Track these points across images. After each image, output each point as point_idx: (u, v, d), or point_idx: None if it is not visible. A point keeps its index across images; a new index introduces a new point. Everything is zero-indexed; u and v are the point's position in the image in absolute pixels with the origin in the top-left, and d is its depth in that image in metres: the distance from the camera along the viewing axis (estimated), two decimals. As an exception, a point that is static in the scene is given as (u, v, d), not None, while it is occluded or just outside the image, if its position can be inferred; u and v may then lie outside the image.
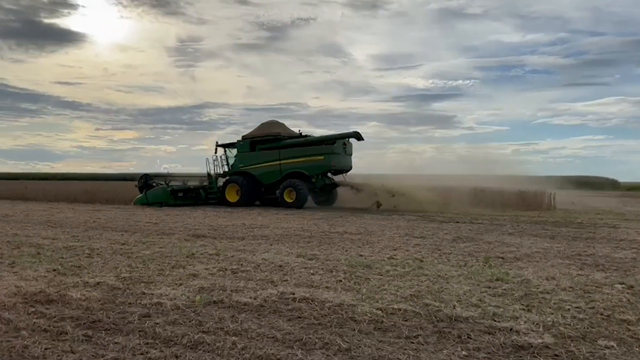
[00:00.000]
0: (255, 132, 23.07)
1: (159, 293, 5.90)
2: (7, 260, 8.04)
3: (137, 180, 23.88)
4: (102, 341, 4.27)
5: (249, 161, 22.36)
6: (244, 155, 22.58)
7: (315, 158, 20.96)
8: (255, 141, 22.54)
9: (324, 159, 20.85)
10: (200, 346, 4.16)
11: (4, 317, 4.90)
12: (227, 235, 11.42)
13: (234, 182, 22.31)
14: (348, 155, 22.01)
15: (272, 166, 21.66)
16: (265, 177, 21.90)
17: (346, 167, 22.11)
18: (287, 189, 20.88)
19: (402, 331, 4.55)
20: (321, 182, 21.55)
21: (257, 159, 22.14)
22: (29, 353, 3.99)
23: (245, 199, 21.86)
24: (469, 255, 8.81)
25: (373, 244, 10.05)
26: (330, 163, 20.90)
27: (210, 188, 23.39)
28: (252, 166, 22.22)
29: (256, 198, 22.58)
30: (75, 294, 5.83)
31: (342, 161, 21.61)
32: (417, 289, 6.11)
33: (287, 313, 5.14)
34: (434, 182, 23.39)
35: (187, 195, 23.04)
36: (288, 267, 7.59)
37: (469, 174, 27.98)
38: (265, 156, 21.96)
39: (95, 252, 8.98)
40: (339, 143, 21.36)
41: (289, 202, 20.73)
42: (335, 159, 21.02)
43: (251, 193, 22.08)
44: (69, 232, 11.94)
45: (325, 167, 21.06)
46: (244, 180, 22.05)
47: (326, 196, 22.38)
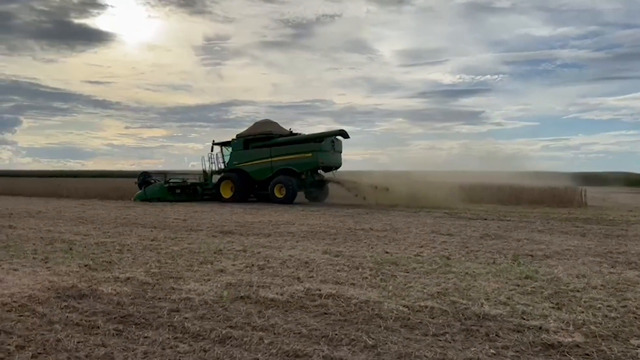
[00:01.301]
0: (249, 131, 23.84)
1: (187, 288, 6.00)
2: (41, 255, 8.27)
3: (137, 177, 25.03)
4: (133, 335, 4.37)
5: (243, 159, 23.14)
6: (238, 153, 23.38)
7: (304, 155, 21.68)
8: (248, 139, 23.30)
9: (312, 156, 21.55)
10: (228, 341, 4.22)
11: (38, 311, 5.04)
12: (254, 232, 11.51)
13: (228, 178, 23.18)
14: (337, 152, 22.69)
15: (264, 163, 22.47)
16: (257, 174, 22.69)
17: (335, 164, 22.82)
18: (277, 185, 21.67)
19: (429, 329, 4.53)
20: (311, 178, 22.33)
21: (250, 157, 22.94)
22: (62, 346, 4.10)
23: (239, 195, 22.62)
24: (497, 252, 8.70)
25: (399, 241, 10.01)
26: (318, 160, 21.57)
27: (206, 184, 24.35)
28: (245, 163, 23.01)
29: (249, 194, 23.30)
30: (107, 288, 5.97)
31: (331, 158, 22.27)
32: (444, 287, 6.07)
33: (313, 309, 5.17)
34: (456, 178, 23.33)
35: (185, 191, 23.93)
36: (314, 263, 7.62)
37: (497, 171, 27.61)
38: (258, 154, 22.76)
39: (126, 248, 9.16)
40: (327, 141, 22.06)
41: (279, 197, 21.46)
42: (323, 156, 21.70)
43: (244, 189, 22.85)
44: (100, 229, 12.20)
45: (313, 164, 21.75)
46: (238, 177, 22.88)
47: (318, 192, 23.04)
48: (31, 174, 71.35)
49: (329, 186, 23.33)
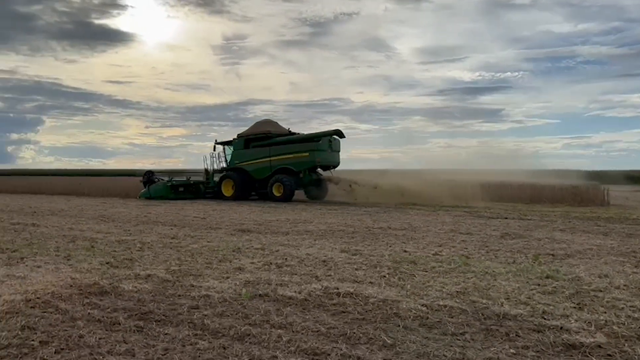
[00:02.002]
0: (250, 131, 24.24)
1: (207, 286, 6.05)
2: (63, 253, 8.41)
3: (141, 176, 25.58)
4: (153, 332, 4.42)
5: (244, 158, 23.58)
6: (239, 153, 23.83)
7: (301, 154, 22.12)
8: (249, 139, 23.74)
9: (308, 155, 21.98)
10: (247, 338, 4.25)
11: (61, 308, 5.13)
12: (272, 230, 11.56)
13: (229, 177, 23.66)
14: (335, 151, 23.04)
15: (264, 162, 22.93)
16: (257, 173, 23.12)
17: (333, 163, 23.21)
18: (275, 184, 22.11)
19: (448, 328, 4.50)
20: (308, 177, 22.73)
21: (250, 156, 23.39)
22: (84, 342, 4.17)
23: (239, 193, 23.10)
24: (517, 252, 8.61)
25: (418, 240, 9.96)
26: (315, 159, 22.02)
27: (208, 183, 24.94)
28: (246, 162, 23.46)
29: (250, 192, 23.73)
30: (128, 286, 6.05)
31: (328, 157, 22.63)
32: (463, 286, 6.02)
33: (332, 307, 5.17)
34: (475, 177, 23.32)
35: (188, 189, 24.65)
36: (332, 262, 7.63)
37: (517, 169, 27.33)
38: (258, 153, 23.22)
39: (146, 245, 9.27)
40: (325, 140, 22.40)
41: (277, 196, 21.90)
42: (320, 155, 22.09)
43: (245, 188, 23.30)
44: (121, 227, 12.36)
45: (310, 162, 22.17)
46: (238, 176, 23.33)
47: (317, 190, 23.41)
48: (53, 173, 72.54)
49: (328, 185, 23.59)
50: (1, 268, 7.14)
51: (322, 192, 23.51)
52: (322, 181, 23.47)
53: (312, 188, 23.34)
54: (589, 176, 29.19)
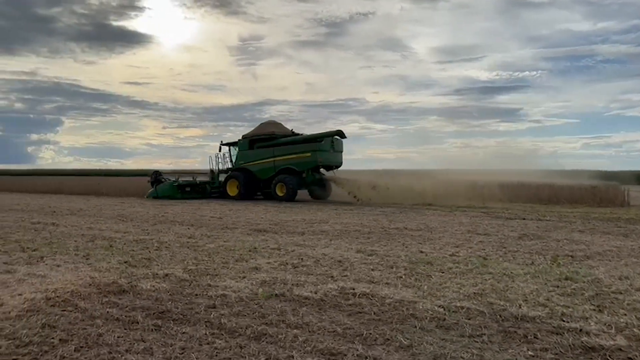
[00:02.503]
0: (254, 132, 24.63)
1: (223, 285, 6.09)
2: (82, 252, 8.52)
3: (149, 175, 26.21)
4: (171, 331, 4.46)
5: (248, 158, 23.98)
6: (244, 153, 24.24)
7: (303, 155, 22.42)
8: (253, 140, 24.15)
9: (310, 155, 22.26)
10: (264, 338, 4.27)
11: (80, 306, 5.20)
12: (288, 230, 11.58)
13: (234, 177, 24.06)
14: (337, 152, 23.30)
15: (268, 163, 23.32)
16: (261, 173, 23.49)
17: (335, 163, 23.45)
18: (278, 184, 22.47)
19: (465, 329, 4.47)
20: (311, 177, 22.94)
21: (255, 157, 23.79)
22: (102, 340, 4.22)
23: (244, 193, 23.51)
24: (536, 253, 8.52)
25: (434, 241, 9.91)
26: (317, 159, 22.23)
27: (213, 183, 25.48)
28: (250, 163, 23.86)
29: (254, 192, 24.13)
30: (146, 285, 6.11)
31: (330, 158, 22.86)
32: (480, 287, 5.98)
33: (348, 308, 5.17)
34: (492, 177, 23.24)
35: (194, 189, 25.15)
36: (348, 262, 7.62)
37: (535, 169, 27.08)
38: (262, 154, 23.61)
39: (164, 245, 9.35)
40: (327, 141, 22.69)
41: (280, 195, 22.28)
42: (322, 155, 22.33)
43: (249, 188, 23.71)
44: (139, 226, 12.48)
45: (313, 163, 22.36)
46: (243, 176, 23.72)
47: (320, 190, 23.71)
48: (72, 173, 73.52)
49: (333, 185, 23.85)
50: (22, 267, 7.25)
51: (326, 192, 23.80)
52: (325, 181, 23.71)
53: (315, 188, 23.64)
54: (608, 176, 28.80)
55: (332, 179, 23.51)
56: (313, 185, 23.40)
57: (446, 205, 19.23)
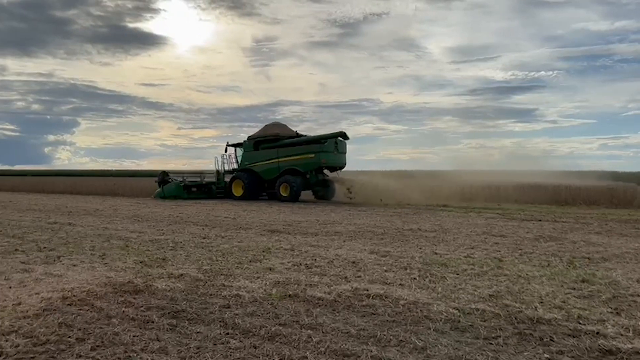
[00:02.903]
0: (259, 133, 25.00)
1: (237, 285, 6.11)
2: (99, 252, 8.61)
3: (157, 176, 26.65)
4: (186, 330, 4.49)
5: (253, 159, 24.36)
6: (249, 154, 24.62)
7: (307, 156, 22.76)
8: (258, 141, 24.51)
9: (314, 156, 22.57)
10: (277, 338, 4.27)
11: (97, 306, 5.25)
12: (301, 231, 11.59)
13: (239, 178, 24.45)
14: (340, 153, 23.49)
15: (272, 164, 23.66)
16: (266, 174, 23.84)
17: (339, 164, 23.64)
18: (282, 184, 22.81)
19: (480, 332, 4.44)
20: (314, 177, 23.27)
21: (259, 157, 24.16)
22: (119, 340, 4.25)
23: (249, 193, 23.86)
24: (552, 255, 8.43)
25: (449, 242, 9.85)
26: (320, 160, 22.55)
27: (219, 183, 26.00)
28: (255, 164, 24.22)
29: (259, 193, 24.45)
30: (161, 284, 6.16)
31: (334, 159, 23.08)
32: (496, 289, 5.93)
33: (361, 309, 5.16)
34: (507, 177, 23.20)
35: (200, 189, 25.74)
36: (361, 263, 7.61)
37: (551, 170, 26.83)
38: (267, 155, 23.97)
39: (179, 245, 9.41)
40: (330, 142, 22.92)
41: (284, 196, 22.59)
42: (326, 156, 22.61)
43: (254, 188, 24.03)
44: (154, 226, 12.58)
45: (316, 164, 22.68)
46: (248, 177, 24.09)
47: (324, 191, 23.95)
48: (89, 174, 74.31)
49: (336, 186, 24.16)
50: (39, 266, 7.35)
51: (329, 193, 24.04)
52: (328, 182, 23.99)
53: (319, 188, 23.93)
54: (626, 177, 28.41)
55: (338, 179, 23.81)
56: (317, 185, 23.72)
57: (461, 206, 19.12)
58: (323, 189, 23.94)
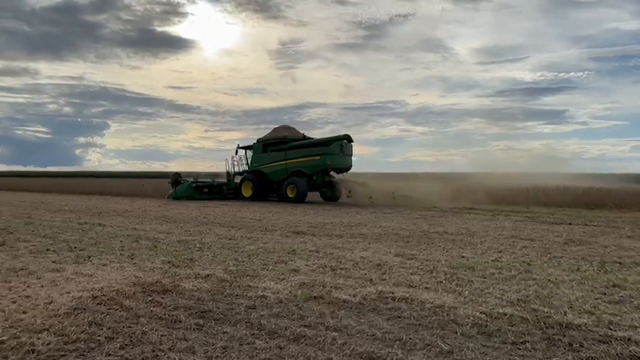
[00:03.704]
0: (268, 136, 25.61)
1: (263, 286, 6.15)
2: (128, 252, 8.76)
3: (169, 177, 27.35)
4: (212, 330, 4.54)
5: (262, 161, 25.03)
6: (258, 156, 25.32)
7: (313, 158, 23.33)
8: (267, 144, 25.19)
9: (320, 159, 23.12)
10: (303, 339, 4.29)
11: (126, 305, 5.35)
12: (326, 233, 11.60)
13: (248, 179, 25.19)
14: (346, 155, 23.96)
15: (280, 165, 24.28)
16: (274, 175, 24.47)
17: (345, 166, 24.08)
18: (289, 186, 23.39)
19: (507, 336, 4.38)
20: (320, 179, 23.78)
21: (268, 159, 24.81)
22: (147, 339, 4.32)
23: (257, 194, 24.61)
24: (582, 259, 8.26)
25: (476, 245, 9.73)
26: (326, 162, 23.02)
27: (229, 184, 26.75)
28: (264, 165, 24.88)
29: (268, 193, 25.07)
30: (188, 284, 6.24)
31: (339, 161, 23.54)
32: (524, 294, 5.84)
33: (387, 312, 5.14)
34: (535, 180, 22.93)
35: (212, 190, 26.47)
36: (386, 266, 7.57)
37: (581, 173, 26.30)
38: (275, 157, 24.59)
39: (206, 246, 9.52)
40: (336, 144, 23.39)
41: (291, 197, 23.20)
42: (331, 158, 23.09)
43: (262, 189, 24.75)
44: (181, 227, 12.75)
45: (321, 166, 23.16)
46: (257, 178, 24.80)
47: (331, 192, 24.43)
48: (118, 175, 75.67)
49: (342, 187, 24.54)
50: (70, 266, 7.52)
51: (336, 194, 24.45)
52: (334, 183, 24.37)
53: (325, 190, 24.46)
54: None
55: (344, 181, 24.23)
56: (323, 187, 24.27)
57: (488, 209, 18.88)
58: (329, 190, 24.43)
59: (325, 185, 24.25)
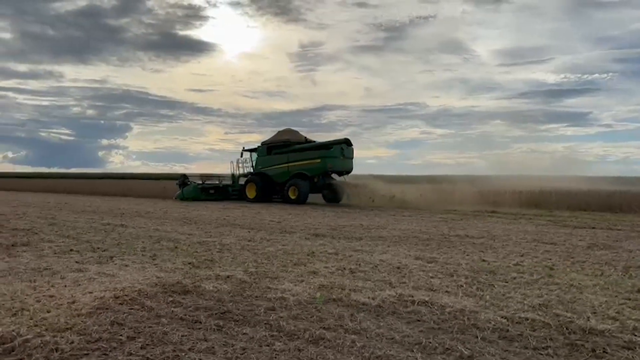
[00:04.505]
0: (272, 139, 26.40)
1: (282, 288, 6.17)
2: (149, 253, 8.87)
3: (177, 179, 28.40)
4: (232, 331, 4.57)
5: (266, 163, 25.85)
6: (262, 159, 26.16)
7: (314, 161, 24.02)
8: (271, 146, 26.01)
9: (320, 161, 23.81)
10: (321, 342, 4.29)
11: (147, 305, 5.41)
12: (345, 235, 11.59)
13: (252, 181, 25.95)
14: (347, 158, 24.58)
15: (283, 168, 25.04)
16: (277, 177, 25.16)
17: (345, 169, 24.78)
18: (291, 187, 24.10)
19: (529, 341, 4.32)
20: (322, 181, 24.56)
21: (272, 162, 25.61)
22: (168, 339, 4.37)
23: (261, 195, 25.32)
24: (606, 263, 8.11)
25: (497, 249, 9.63)
26: (326, 165, 23.74)
27: (234, 186, 27.71)
28: (268, 168, 25.70)
29: (271, 195, 25.81)
30: (208, 285, 6.28)
31: (340, 163, 24.18)
32: (546, 298, 5.76)
33: (406, 315, 5.11)
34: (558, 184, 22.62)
35: (218, 191, 27.48)
36: (406, 269, 7.53)
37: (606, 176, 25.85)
38: (278, 159, 25.35)
39: (226, 247, 9.59)
40: (336, 148, 24.05)
41: (292, 198, 23.89)
42: (331, 161, 23.77)
43: (266, 191, 25.49)
44: (202, 229, 12.86)
45: (322, 168, 23.89)
46: (260, 180, 25.53)
47: (333, 194, 25.06)
48: (140, 177, 76.62)
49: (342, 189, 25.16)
50: (93, 266, 7.64)
51: (337, 196, 24.95)
52: (335, 186, 25.01)
53: (327, 192, 25.17)
54: None
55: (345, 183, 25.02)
56: (324, 189, 25.02)
57: (510, 212, 18.67)
58: (330, 193, 25.05)
59: (326, 187, 24.95)
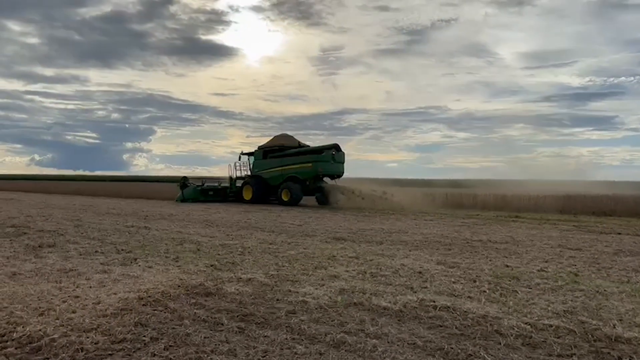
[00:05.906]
0: (269, 143, 27.78)
1: (303, 291, 6.18)
2: (172, 255, 8.97)
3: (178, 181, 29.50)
4: (253, 334, 4.59)
5: (262, 167, 27.28)
6: (258, 162, 27.61)
7: (305, 165, 25.23)
8: (266, 151, 27.43)
9: (312, 165, 24.97)
10: (343, 346, 4.29)
11: (170, 307, 5.47)
12: (366, 239, 11.56)
13: (249, 184, 27.37)
14: (338, 163, 25.68)
15: (277, 171, 26.38)
16: (272, 180, 26.47)
17: (336, 172, 25.90)
18: (284, 190, 25.33)
19: (553, 348, 4.26)
20: (313, 185, 25.63)
21: (267, 166, 26.98)
22: (190, 340, 4.42)
23: (256, 197, 26.67)
24: (632, 270, 7.95)
25: (521, 255, 9.50)
26: (317, 169, 24.90)
27: (231, 188, 28.95)
28: (264, 171, 27.14)
29: (266, 197, 26.96)
30: (230, 288, 6.33)
31: (331, 168, 25.34)
32: (571, 305, 5.66)
33: (428, 320, 5.08)
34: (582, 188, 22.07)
35: (217, 193, 28.81)
36: (428, 274, 7.48)
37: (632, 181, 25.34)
38: (273, 163, 26.73)
39: (247, 250, 9.65)
40: (327, 153, 25.27)
41: (285, 200, 25.04)
42: (322, 165, 24.95)
43: (261, 193, 26.79)
44: (223, 231, 12.95)
45: (313, 172, 25.02)
46: (256, 183, 26.95)
47: (323, 197, 25.97)
48: (164, 179, 77.52)
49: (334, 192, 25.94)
50: (117, 267, 7.75)
51: (328, 199, 25.71)
52: (326, 188, 25.91)
53: (318, 195, 26.13)
54: None
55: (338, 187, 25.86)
56: (316, 192, 25.98)
57: (534, 217, 18.41)
58: (322, 195, 25.96)
59: (318, 190, 25.90)
